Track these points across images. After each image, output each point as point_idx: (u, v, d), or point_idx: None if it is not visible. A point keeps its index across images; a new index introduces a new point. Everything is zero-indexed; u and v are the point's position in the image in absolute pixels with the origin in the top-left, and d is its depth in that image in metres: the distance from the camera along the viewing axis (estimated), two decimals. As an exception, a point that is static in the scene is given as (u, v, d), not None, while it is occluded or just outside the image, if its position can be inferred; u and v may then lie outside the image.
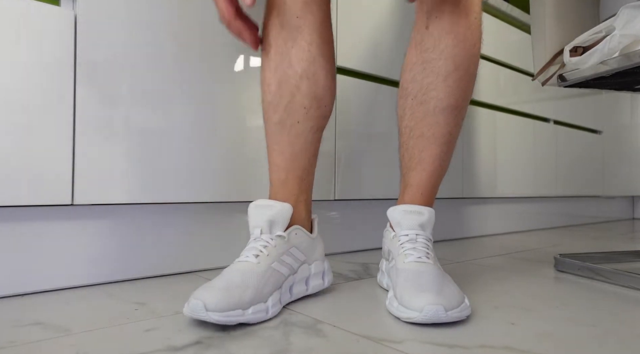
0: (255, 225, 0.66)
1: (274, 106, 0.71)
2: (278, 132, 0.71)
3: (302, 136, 0.72)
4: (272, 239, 0.65)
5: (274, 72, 0.71)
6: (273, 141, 0.72)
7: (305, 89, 0.71)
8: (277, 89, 0.71)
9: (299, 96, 0.71)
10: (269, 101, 0.72)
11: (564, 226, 2.01)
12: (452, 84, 0.71)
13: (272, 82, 0.71)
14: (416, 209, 0.71)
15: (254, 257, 0.62)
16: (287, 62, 0.70)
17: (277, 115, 0.71)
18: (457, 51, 0.70)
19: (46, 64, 0.70)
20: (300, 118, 0.71)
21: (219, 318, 0.54)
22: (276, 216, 0.65)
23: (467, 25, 0.71)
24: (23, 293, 0.71)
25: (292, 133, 0.71)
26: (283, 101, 0.71)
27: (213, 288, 0.57)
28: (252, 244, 0.65)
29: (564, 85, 0.94)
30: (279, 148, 0.72)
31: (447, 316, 0.57)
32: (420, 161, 0.74)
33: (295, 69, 0.70)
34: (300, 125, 0.71)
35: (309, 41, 0.71)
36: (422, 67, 0.72)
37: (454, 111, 0.72)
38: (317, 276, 0.72)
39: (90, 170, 0.74)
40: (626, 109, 2.40)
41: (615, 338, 0.55)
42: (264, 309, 0.59)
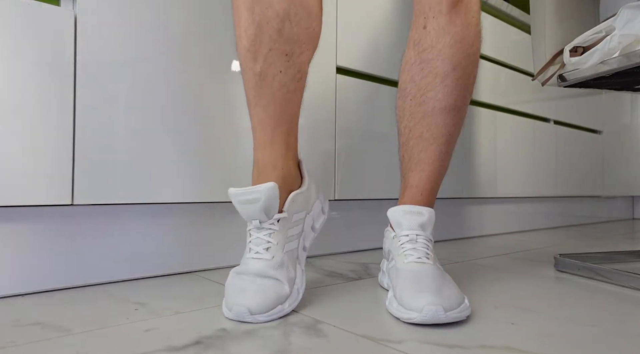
0: (251, 218, 0.63)
1: (253, 53, 0.63)
2: (260, 85, 0.64)
3: (285, 86, 0.65)
4: (273, 223, 0.64)
5: (251, 13, 0.62)
6: (254, 94, 0.65)
7: (287, 32, 0.63)
8: (255, 34, 0.63)
9: (280, 41, 0.63)
10: (247, 47, 0.64)
11: (564, 226, 2.01)
12: (451, 84, 0.71)
13: (249, 26, 0.63)
14: (416, 209, 0.71)
15: (265, 251, 0.63)
16: (266, 1, 0.62)
17: (257, 65, 0.63)
18: (454, 51, 0.70)
19: (46, 64, 0.70)
20: (283, 67, 0.64)
21: (264, 318, 0.58)
22: (267, 204, 0.61)
23: (464, 24, 0.71)
24: (23, 293, 0.71)
25: (275, 84, 0.64)
26: (263, 49, 0.63)
27: (248, 292, 0.59)
28: (256, 234, 0.64)
29: (564, 85, 0.94)
30: (261, 102, 0.65)
31: (446, 317, 0.57)
32: (419, 162, 0.74)
33: (275, 9, 0.62)
34: (283, 74, 0.64)
35: None
36: (420, 67, 0.72)
37: (452, 111, 0.72)
38: (318, 215, 0.73)
39: (90, 170, 0.74)
40: (626, 109, 2.40)
41: (615, 338, 0.55)
42: (297, 294, 0.64)
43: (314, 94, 1.04)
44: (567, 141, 1.96)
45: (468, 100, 0.75)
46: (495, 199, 1.64)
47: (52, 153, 0.70)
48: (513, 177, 1.65)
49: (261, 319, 0.58)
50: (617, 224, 2.22)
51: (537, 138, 1.78)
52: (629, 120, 2.42)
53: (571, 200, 2.09)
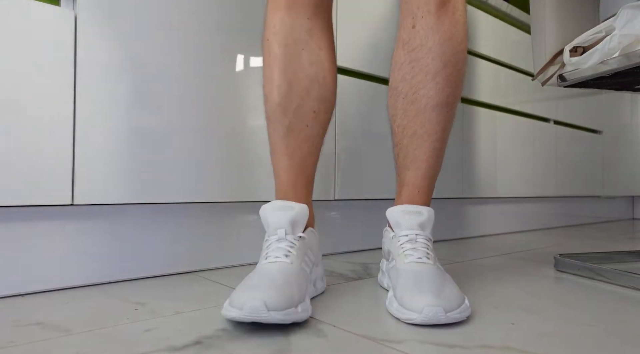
0: (278, 226, 0.65)
1: (283, 108, 0.71)
2: (287, 136, 0.71)
3: (311, 140, 0.73)
4: (296, 240, 0.65)
5: (284, 73, 0.70)
6: (282, 144, 0.72)
7: (316, 92, 0.72)
8: (287, 92, 0.70)
9: (309, 99, 0.71)
10: (278, 103, 0.71)
11: (564, 226, 2.01)
12: (442, 82, 0.72)
13: (282, 84, 0.70)
14: (415, 209, 0.71)
15: (284, 257, 0.62)
16: (297, 64, 0.70)
17: (287, 118, 0.71)
18: (444, 49, 0.71)
19: (46, 64, 0.70)
20: (310, 122, 0.72)
21: (280, 317, 0.53)
22: (297, 217, 0.66)
23: (452, 23, 0.71)
24: (23, 293, 0.71)
25: (301, 137, 0.72)
26: (293, 105, 0.71)
27: (264, 287, 0.55)
28: (277, 244, 0.64)
29: (564, 85, 0.94)
30: (288, 151, 0.72)
31: (446, 318, 0.57)
32: (414, 159, 0.74)
33: (306, 72, 0.71)
34: (309, 129, 0.72)
35: (319, 45, 0.72)
36: (411, 66, 0.72)
37: (445, 108, 0.73)
38: (319, 277, 0.73)
39: (90, 170, 0.74)
40: (626, 109, 2.40)
41: (615, 338, 0.55)
42: (307, 308, 0.59)
43: (314, 94, 1.04)
44: (567, 141, 1.96)
45: (459, 96, 0.76)
46: (495, 199, 1.64)
47: (52, 153, 0.70)
48: (513, 177, 1.65)
49: (277, 317, 0.52)
50: (617, 224, 2.22)
51: (537, 138, 1.78)
52: (629, 120, 2.42)
53: (571, 200, 2.09)
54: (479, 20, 1.50)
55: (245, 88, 0.93)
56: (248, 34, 0.94)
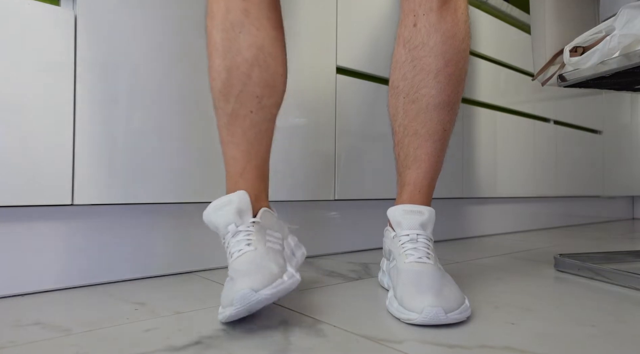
0: (226, 223, 0.63)
1: (225, 94, 0.67)
2: (232, 123, 0.68)
3: (257, 126, 0.69)
4: (249, 226, 0.63)
5: (223, 58, 0.67)
6: (227, 132, 0.69)
7: (257, 77, 0.67)
8: (227, 77, 0.67)
9: (250, 84, 0.67)
10: (219, 89, 0.68)
11: (564, 226, 2.01)
12: (443, 80, 0.71)
13: (221, 69, 0.67)
14: (416, 208, 0.71)
15: (247, 246, 0.60)
16: (235, 48, 0.66)
17: (229, 105, 0.68)
18: (446, 48, 0.70)
19: (46, 64, 0.70)
20: (254, 108, 0.68)
21: (269, 291, 0.53)
22: (240, 206, 0.63)
23: (454, 21, 0.71)
24: (23, 293, 0.71)
25: (246, 124, 0.68)
26: (234, 90, 0.67)
27: (243, 278, 0.55)
28: (234, 239, 0.62)
29: (564, 85, 0.94)
30: (234, 140, 0.68)
31: (446, 318, 0.57)
32: (415, 159, 0.74)
33: (244, 56, 0.67)
34: (254, 115, 0.68)
35: (257, 26, 0.67)
36: (412, 65, 0.72)
37: (446, 107, 0.72)
38: (296, 247, 0.71)
39: (90, 170, 0.74)
40: (626, 109, 2.40)
41: (615, 338, 0.55)
42: (293, 274, 0.57)
43: (314, 94, 1.04)
44: (567, 141, 1.96)
45: (460, 96, 0.76)
46: (495, 199, 1.64)
47: (52, 153, 0.70)
48: (513, 177, 1.65)
49: (266, 292, 0.52)
50: (617, 224, 2.22)
51: (537, 138, 1.78)
52: (629, 120, 2.42)
53: (571, 200, 2.09)
54: (479, 20, 1.50)
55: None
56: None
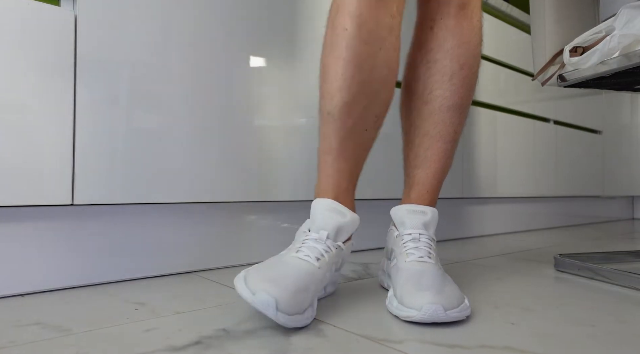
0: (323, 227, 0.63)
1: (348, 109, 0.64)
2: (348, 138, 0.66)
3: (366, 145, 0.69)
4: (334, 247, 0.63)
5: (359, 70, 0.63)
6: (341, 146, 0.66)
7: (382, 96, 0.67)
8: (357, 91, 0.64)
9: (375, 103, 0.66)
10: (346, 100, 0.64)
11: (564, 226, 2.01)
12: (457, 83, 0.72)
13: (353, 83, 0.64)
14: (420, 208, 0.71)
15: (315, 259, 0.60)
16: (371, 64, 0.64)
17: (351, 120, 0.65)
18: (462, 51, 0.72)
19: (46, 64, 0.70)
20: (369, 126, 0.67)
21: (285, 321, 0.53)
22: (346, 226, 0.64)
23: (470, 27, 0.73)
24: (23, 293, 0.71)
25: (359, 141, 0.67)
26: (359, 106, 0.65)
27: (283, 285, 0.54)
28: (314, 244, 0.62)
29: (564, 85, 0.94)
30: (345, 154, 0.67)
31: (446, 316, 0.57)
32: (425, 159, 0.75)
33: (380, 74, 0.65)
34: (368, 133, 0.68)
35: (395, 46, 0.66)
36: (427, 67, 0.73)
37: (459, 110, 0.74)
38: (332, 282, 0.72)
39: (90, 170, 0.74)
40: (626, 109, 2.40)
41: (615, 338, 0.55)
42: (312, 314, 0.58)
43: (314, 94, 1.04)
44: (567, 141, 1.96)
45: (471, 99, 0.77)
46: (495, 199, 1.64)
47: (52, 153, 0.70)
48: (513, 177, 1.65)
49: (282, 319, 0.52)
50: (617, 224, 2.22)
51: (537, 138, 1.78)
52: (629, 120, 2.42)
53: (571, 200, 2.09)
54: (479, 20, 1.50)
55: (247, 88, 0.93)
56: (250, 33, 0.93)
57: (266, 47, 0.96)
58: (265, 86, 0.96)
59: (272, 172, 0.97)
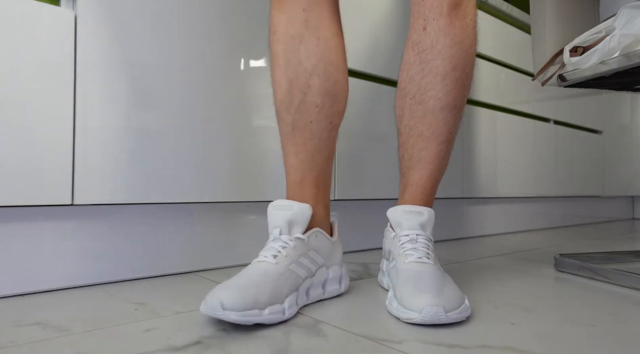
0: (274, 225, 0.66)
1: (286, 105, 0.70)
2: (291, 133, 0.70)
3: (317, 136, 0.71)
4: (291, 240, 0.64)
5: (285, 70, 0.69)
6: (287, 142, 0.71)
7: (317, 86, 0.69)
8: (288, 88, 0.70)
9: (310, 94, 0.69)
10: (281, 100, 0.71)
11: (564, 226, 2.01)
12: (450, 84, 0.72)
13: (282, 81, 0.70)
14: (416, 209, 0.71)
15: (272, 257, 0.62)
16: (296, 59, 0.69)
17: (289, 115, 0.70)
18: (454, 52, 0.71)
19: (46, 64, 0.70)
20: (314, 118, 0.70)
21: (236, 317, 0.53)
22: (295, 217, 0.65)
23: (463, 27, 0.72)
24: (23, 293, 0.71)
25: (305, 134, 0.70)
26: (295, 101, 0.69)
27: (230, 286, 0.56)
28: (271, 244, 0.64)
29: (564, 85, 0.94)
30: (293, 150, 0.71)
31: (446, 317, 0.57)
32: (419, 160, 0.74)
33: (304, 67, 0.69)
34: (314, 124, 0.70)
35: (317, 36, 0.69)
36: (420, 67, 0.73)
37: (452, 110, 0.73)
38: (334, 280, 0.72)
39: (90, 170, 0.74)
40: (626, 109, 2.40)
41: (615, 338, 0.55)
42: (281, 311, 0.58)
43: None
44: (567, 141, 1.96)
45: (466, 99, 0.76)
46: (495, 199, 1.64)
47: (52, 153, 0.70)
48: (513, 177, 1.65)
49: (232, 316, 0.53)
50: (617, 224, 2.22)
51: (537, 138, 1.78)
52: (629, 120, 2.42)
53: (571, 200, 2.09)
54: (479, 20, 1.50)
55: (246, 88, 0.93)
56: (250, 33, 0.94)
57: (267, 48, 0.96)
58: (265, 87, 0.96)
59: (272, 172, 0.97)
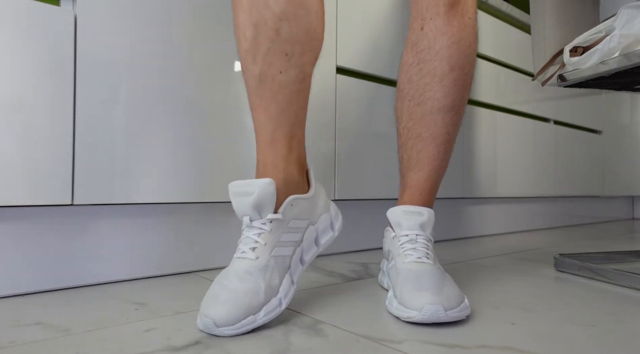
0: (242, 213, 0.60)
1: (252, 54, 0.62)
2: (260, 86, 0.63)
3: (287, 88, 0.63)
4: (264, 224, 0.59)
5: (249, 14, 0.61)
6: (255, 96, 0.63)
7: (286, 33, 0.61)
8: (253, 35, 0.61)
9: (278, 41, 0.61)
10: (246, 49, 0.62)
11: (564, 226, 2.01)
12: (449, 84, 0.71)
13: (247, 27, 0.61)
14: (416, 209, 0.71)
15: (251, 251, 0.58)
16: (262, 2, 0.60)
17: (256, 66, 0.62)
18: (452, 52, 0.71)
19: (46, 64, 0.70)
20: (283, 67, 0.62)
21: (231, 331, 0.53)
22: (259, 200, 0.59)
23: (461, 26, 0.71)
24: (23, 293, 0.71)
25: (275, 85, 0.62)
26: (262, 49, 0.61)
27: (218, 300, 0.55)
28: (246, 233, 0.60)
29: (564, 85, 0.94)
30: (262, 104, 0.63)
31: (446, 316, 0.57)
32: (418, 162, 0.74)
33: (272, 10, 0.60)
34: (284, 75, 0.62)
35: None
36: (419, 68, 0.72)
37: (450, 111, 0.73)
38: (325, 230, 0.68)
39: (90, 170, 0.74)
40: (626, 109, 2.40)
41: (615, 338, 0.55)
42: (277, 304, 0.57)
43: (314, 94, 1.04)
44: (567, 141, 1.96)
45: (466, 100, 0.76)
46: (495, 199, 1.64)
47: (52, 153, 0.70)
48: (513, 177, 1.65)
49: (227, 332, 0.53)
50: (617, 224, 2.22)
51: (537, 138, 1.78)
52: (629, 120, 2.42)
53: (571, 200, 2.09)
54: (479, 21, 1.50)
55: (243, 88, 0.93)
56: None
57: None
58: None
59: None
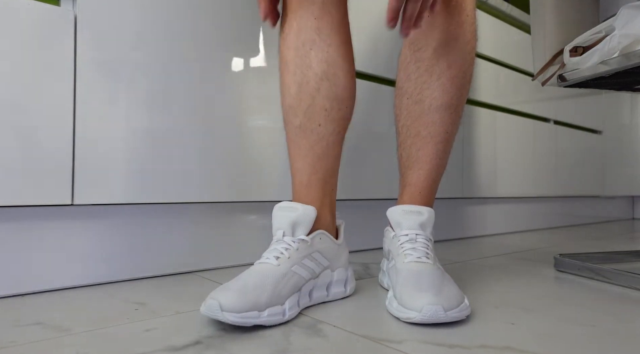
0: (278, 227, 0.66)
1: (294, 109, 0.70)
2: (299, 136, 0.71)
3: (324, 139, 0.71)
4: (295, 242, 0.64)
5: (293, 75, 0.70)
6: (295, 145, 0.71)
7: (325, 90, 0.70)
8: (297, 92, 0.70)
9: (319, 98, 0.70)
10: (289, 104, 0.71)
11: (564, 226, 2.01)
12: (446, 83, 0.71)
13: (291, 85, 0.70)
14: (416, 209, 0.71)
15: (274, 258, 0.61)
16: (306, 64, 0.70)
17: (297, 119, 0.70)
18: (449, 50, 0.70)
19: (46, 64, 0.70)
20: (322, 121, 0.70)
21: (234, 319, 0.53)
22: (299, 219, 0.65)
23: (458, 23, 0.71)
24: (23, 293, 0.71)
25: (313, 137, 0.70)
26: (303, 104, 0.70)
27: (229, 288, 0.56)
28: (274, 245, 0.64)
29: (564, 85, 0.94)
30: (300, 152, 0.71)
31: (446, 316, 0.57)
32: (417, 160, 0.74)
33: (315, 71, 0.69)
34: (322, 128, 0.70)
35: (327, 42, 0.70)
36: (416, 66, 0.72)
37: (449, 109, 0.72)
38: (339, 283, 0.71)
39: (90, 170, 0.74)
40: (626, 109, 2.40)
41: (615, 338, 0.55)
42: (281, 312, 0.58)
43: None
44: (567, 141, 1.96)
45: (464, 98, 0.75)
46: (495, 199, 1.64)
47: (52, 153, 0.70)
48: (513, 177, 1.65)
49: (230, 318, 0.53)
50: (617, 224, 2.22)
51: (537, 138, 1.78)
52: (629, 120, 2.42)
53: (571, 200, 2.09)
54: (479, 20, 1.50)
55: (246, 88, 0.93)
56: (249, 35, 0.94)
57: (269, 48, 0.96)
58: (265, 87, 0.96)
59: (272, 172, 0.97)
